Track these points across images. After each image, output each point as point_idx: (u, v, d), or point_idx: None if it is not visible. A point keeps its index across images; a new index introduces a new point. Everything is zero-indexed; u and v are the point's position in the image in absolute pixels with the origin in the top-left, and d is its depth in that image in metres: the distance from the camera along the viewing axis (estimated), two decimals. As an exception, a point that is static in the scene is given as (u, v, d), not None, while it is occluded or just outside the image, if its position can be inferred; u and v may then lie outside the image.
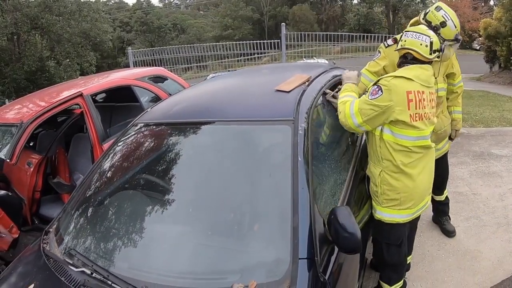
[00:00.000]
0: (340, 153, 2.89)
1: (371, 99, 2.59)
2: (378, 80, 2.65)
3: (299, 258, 1.84)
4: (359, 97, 2.81)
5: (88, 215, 2.54)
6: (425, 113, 2.65)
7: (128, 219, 2.38)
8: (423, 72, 2.70)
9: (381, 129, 2.68)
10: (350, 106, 2.65)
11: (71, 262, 2.19)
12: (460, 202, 4.76)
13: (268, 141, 2.47)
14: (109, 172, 2.79)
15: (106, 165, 2.83)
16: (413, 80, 2.62)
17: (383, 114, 2.58)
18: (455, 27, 3.16)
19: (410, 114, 2.59)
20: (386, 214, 2.80)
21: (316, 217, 1.99)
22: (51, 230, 2.62)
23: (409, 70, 2.67)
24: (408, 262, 3.32)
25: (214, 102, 2.86)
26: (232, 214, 2.20)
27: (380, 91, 2.57)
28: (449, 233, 4.08)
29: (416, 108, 2.60)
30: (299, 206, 1.97)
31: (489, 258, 3.73)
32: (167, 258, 2.07)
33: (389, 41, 3.40)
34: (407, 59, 2.74)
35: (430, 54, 2.70)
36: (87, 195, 2.67)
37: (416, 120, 2.62)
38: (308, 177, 2.10)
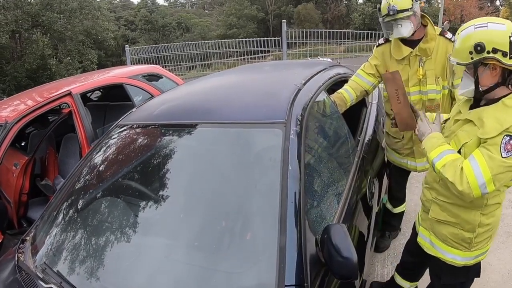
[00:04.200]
0: (338, 161, 2.63)
1: (506, 157, 1.89)
2: (507, 129, 1.91)
3: (286, 285, 1.60)
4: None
5: (64, 224, 2.34)
6: None
7: (102, 231, 2.16)
8: None
9: None
10: (475, 172, 1.93)
11: (41, 276, 2.01)
12: (468, 209, 4.53)
13: (255, 146, 2.24)
14: (88, 178, 2.59)
15: (85, 170, 2.62)
16: None
17: None
18: None
19: None
20: (472, 257, 2.32)
21: (307, 236, 1.75)
22: (27, 238, 2.43)
23: None
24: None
25: (201, 103, 2.63)
26: (210, 232, 1.97)
27: None
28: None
29: None
30: (288, 224, 1.73)
31: (499, 270, 3.49)
32: (139, 279, 1.86)
33: (380, 41, 3.28)
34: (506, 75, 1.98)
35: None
36: (64, 202, 2.47)
37: None
38: (299, 189, 1.85)
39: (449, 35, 3.02)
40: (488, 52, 1.90)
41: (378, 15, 3.10)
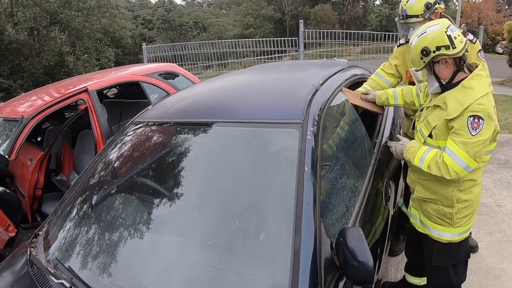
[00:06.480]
0: (355, 162, 2.59)
1: (475, 134, 2.18)
2: (467, 108, 2.19)
3: None
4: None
5: (77, 220, 2.34)
6: None
7: (115, 227, 2.16)
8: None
9: None
10: (455, 160, 2.22)
11: (52, 271, 2.00)
12: (484, 214, 4.45)
13: (271, 146, 2.21)
14: (102, 174, 2.58)
15: (100, 166, 2.62)
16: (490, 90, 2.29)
17: (488, 141, 2.26)
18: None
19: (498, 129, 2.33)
20: (457, 234, 2.50)
21: (322, 239, 1.71)
22: (40, 233, 2.43)
23: (484, 79, 2.30)
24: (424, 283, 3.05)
25: (217, 101, 2.60)
26: (224, 232, 1.95)
27: (480, 120, 2.17)
28: (472, 248, 3.78)
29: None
30: (303, 225, 1.69)
31: (514, 277, 3.42)
32: (151, 278, 1.83)
33: (402, 41, 3.26)
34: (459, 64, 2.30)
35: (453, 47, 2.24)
36: (78, 198, 2.47)
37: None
38: (315, 191, 1.81)
39: (470, 36, 2.98)
40: (434, 52, 2.23)
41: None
